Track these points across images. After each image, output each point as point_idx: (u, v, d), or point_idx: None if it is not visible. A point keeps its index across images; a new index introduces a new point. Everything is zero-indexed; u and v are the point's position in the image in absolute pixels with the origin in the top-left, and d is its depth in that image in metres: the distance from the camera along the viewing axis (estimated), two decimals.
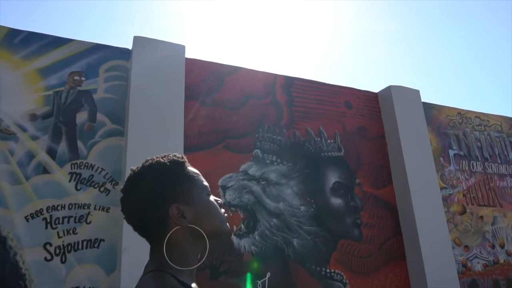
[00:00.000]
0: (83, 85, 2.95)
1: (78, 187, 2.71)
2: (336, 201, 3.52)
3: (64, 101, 2.86)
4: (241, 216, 3.10)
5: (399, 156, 3.80)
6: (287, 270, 3.10)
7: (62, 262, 2.52)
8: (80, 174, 2.74)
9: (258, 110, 3.51)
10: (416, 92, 4.16)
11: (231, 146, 3.28)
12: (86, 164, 2.78)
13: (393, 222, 3.69)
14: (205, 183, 1.00)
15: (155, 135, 2.88)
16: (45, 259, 2.49)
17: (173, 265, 0.87)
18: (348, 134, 3.82)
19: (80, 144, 2.81)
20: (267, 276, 3.01)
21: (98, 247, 2.63)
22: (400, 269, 3.53)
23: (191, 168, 0.99)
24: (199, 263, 0.94)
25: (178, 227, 0.90)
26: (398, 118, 3.89)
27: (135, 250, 2.56)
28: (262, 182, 3.28)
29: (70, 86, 2.91)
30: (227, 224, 1.01)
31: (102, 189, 2.77)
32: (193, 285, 0.93)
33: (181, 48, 3.20)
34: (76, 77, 2.94)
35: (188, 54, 3.30)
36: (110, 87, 3.04)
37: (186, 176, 0.95)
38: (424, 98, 4.25)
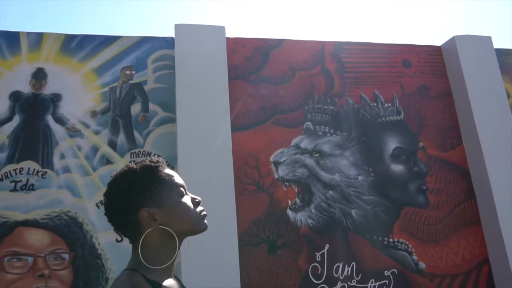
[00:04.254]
0: (134, 78, 3.14)
1: None
2: (397, 167, 3.35)
3: (118, 95, 3.08)
4: (296, 190, 3.11)
5: (468, 113, 3.46)
6: (347, 241, 3.07)
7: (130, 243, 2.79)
8: None
9: (306, 82, 3.43)
10: (487, 39, 3.70)
11: (280, 121, 3.27)
12: (144, 152, 3.00)
13: (465, 185, 3.41)
14: (179, 182, 1.04)
15: (202, 119, 2.98)
16: (116, 240, 2.77)
17: (146, 264, 0.93)
18: (408, 96, 3.57)
19: (136, 134, 3.03)
20: (326, 248, 3.01)
21: None
22: (475, 235, 3.28)
23: (166, 171, 1.03)
24: (171, 261, 0.99)
25: (150, 229, 0.95)
26: (466, 71, 3.51)
27: None
28: (315, 155, 3.23)
29: (122, 81, 3.12)
30: (204, 221, 1.04)
31: None
32: (168, 281, 0.98)
33: (221, 29, 3.23)
34: (127, 72, 3.14)
35: (230, 34, 3.32)
36: (159, 77, 3.19)
37: (156, 180, 1.00)
38: (498, 45, 3.78)
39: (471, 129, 3.43)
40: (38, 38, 3.08)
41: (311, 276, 2.94)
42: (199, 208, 1.05)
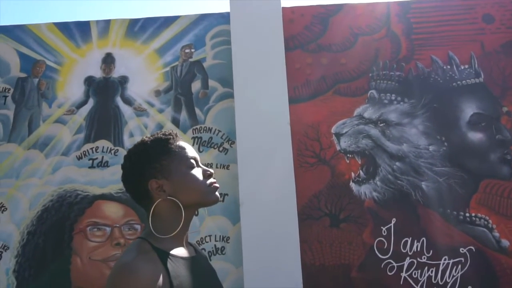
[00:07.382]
0: (194, 56, 3.21)
1: (201, 149, 3.03)
2: (476, 136, 3.02)
3: (179, 74, 3.18)
4: (359, 162, 2.98)
5: None
6: (416, 216, 2.87)
7: (195, 214, 2.90)
8: (201, 137, 3.05)
9: (370, 47, 3.21)
10: None
11: (342, 90, 3.13)
12: (205, 128, 3.08)
13: None
14: (190, 155, 1.04)
15: (259, 92, 2.96)
16: None
17: (155, 233, 0.95)
18: (489, 55, 3.17)
19: (197, 110, 3.11)
20: (392, 222, 2.86)
21: (223, 200, 2.94)
22: None
23: (177, 143, 1.05)
24: (178, 230, 1.00)
25: (160, 199, 0.97)
26: None
27: (251, 204, 2.77)
28: (381, 125, 3.05)
29: (183, 59, 3.20)
30: (215, 193, 1.04)
31: (221, 149, 3.04)
32: (177, 250, 0.99)
33: None
34: (187, 50, 3.22)
35: (287, 3, 3.22)
36: (217, 53, 3.22)
37: (166, 152, 1.02)
38: None
39: None
40: (105, 25, 3.28)
41: (376, 251, 2.82)
42: (210, 180, 1.05)
